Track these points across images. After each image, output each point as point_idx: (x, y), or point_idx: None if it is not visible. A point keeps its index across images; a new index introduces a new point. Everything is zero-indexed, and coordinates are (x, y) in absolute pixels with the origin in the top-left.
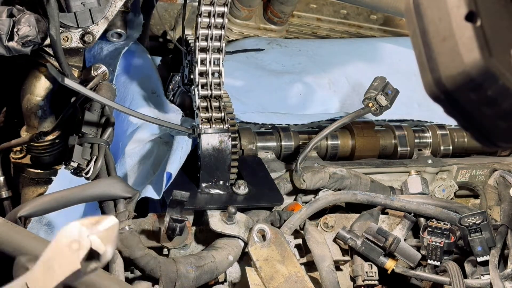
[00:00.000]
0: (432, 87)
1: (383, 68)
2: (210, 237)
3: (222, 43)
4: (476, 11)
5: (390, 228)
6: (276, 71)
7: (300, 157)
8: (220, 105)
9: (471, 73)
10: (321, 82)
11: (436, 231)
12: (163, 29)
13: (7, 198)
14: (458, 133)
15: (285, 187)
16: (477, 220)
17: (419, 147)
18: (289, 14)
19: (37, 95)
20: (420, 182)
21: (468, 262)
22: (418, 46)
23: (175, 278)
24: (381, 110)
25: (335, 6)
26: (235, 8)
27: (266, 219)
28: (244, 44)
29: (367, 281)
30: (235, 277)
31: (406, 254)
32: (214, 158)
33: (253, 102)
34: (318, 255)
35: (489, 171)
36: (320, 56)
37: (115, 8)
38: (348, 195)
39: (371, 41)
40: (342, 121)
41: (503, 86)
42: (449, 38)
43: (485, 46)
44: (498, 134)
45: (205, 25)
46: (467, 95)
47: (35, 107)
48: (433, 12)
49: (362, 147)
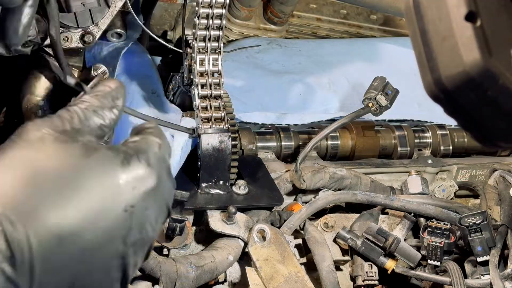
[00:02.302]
0: (432, 87)
1: (383, 68)
2: (210, 237)
3: (220, 43)
4: (476, 11)
5: (390, 228)
6: (276, 71)
7: (300, 157)
8: (220, 105)
9: (471, 73)
10: (321, 82)
11: (436, 231)
12: (163, 29)
13: None
14: (458, 133)
15: (285, 187)
16: (477, 220)
17: (419, 147)
18: (289, 14)
19: (37, 95)
20: (420, 182)
21: (468, 262)
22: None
23: (175, 278)
24: (381, 110)
25: (335, 6)
26: (235, 8)
27: (266, 219)
28: (244, 44)
29: (367, 281)
30: (235, 277)
31: (406, 254)
32: (214, 158)
33: (253, 102)
34: (318, 255)
35: (489, 171)
36: (320, 56)
37: (115, 8)
38: (348, 195)
39: (371, 41)
40: (342, 121)
41: (503, 86)
42: (449, 38)
43: (485, 46)
44: (498, 134)
45: (203, 27)
46: (467, 95)
47: (35, 107)
48: (433, 12)
49: (362, 147)
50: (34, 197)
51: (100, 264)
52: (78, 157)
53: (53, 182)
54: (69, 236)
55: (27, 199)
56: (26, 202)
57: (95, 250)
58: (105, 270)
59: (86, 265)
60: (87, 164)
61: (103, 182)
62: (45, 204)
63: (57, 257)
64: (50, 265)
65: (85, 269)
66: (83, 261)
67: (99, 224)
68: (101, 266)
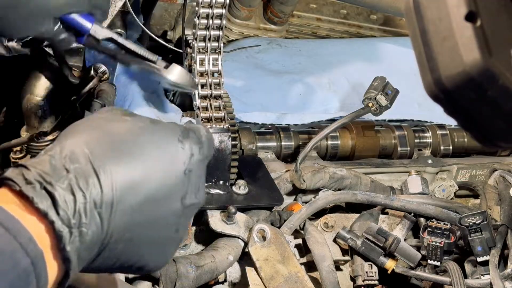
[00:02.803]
0: (432, 87)
1: (383, 68)
2: (210, 237)
3: (220, 43)
4: (476, 11)
5: (390, 228)
6: (276, 71)
7: (300, 157)
8: (220, 105)
9: (471, 73)
10: (321, 82)
11: (436, 231)
12: (163, 29)
13: None
14: (458, 133)
15: (285, 187)
16: (477, 220)
17: (419, 147)
18: (289, 14)
19: (37, 95)
20: (420, 182)
21: (468, 262)
22: (418, 46)
23: (175, 278)
24: (381, 110)
25: (335, 6)
26: (235, 8)
27: (266, 219)
28: (244, 44)
29: (367, 281)
30: (235, 277)
31: (406, 254)
32: (214, 158)
33: (253, 102)
34: (318, 255)
35: (489, 171)
36: (320, 56)
37: (115, 8)
38: (348, 195)
39: (371, 41)
40: (342, 121)
41: (503, 86)
42: (449, 38)
43: (485, 46)
44: (498, 134)
45: (203, 27)
46: (467, 95)
47: (35, 107)
48: (433, 12)
49: (362, 147)
50: (110, 152)
51: (159, 218)
52: (145, 125)
53: (124, 142)
54: (138, 185)
55: (106, 153)
56: (105, 155)
57: (158, 203)
58: (162, 225)
59: (148, 216)
60: (153, 130)
61: (166, 146)
62: (119, 158)
63: (126, 202)
64: (122, 206)
65: (146, 220)
66: (146, 210)
67: (164, 181)
68: (160, 220)
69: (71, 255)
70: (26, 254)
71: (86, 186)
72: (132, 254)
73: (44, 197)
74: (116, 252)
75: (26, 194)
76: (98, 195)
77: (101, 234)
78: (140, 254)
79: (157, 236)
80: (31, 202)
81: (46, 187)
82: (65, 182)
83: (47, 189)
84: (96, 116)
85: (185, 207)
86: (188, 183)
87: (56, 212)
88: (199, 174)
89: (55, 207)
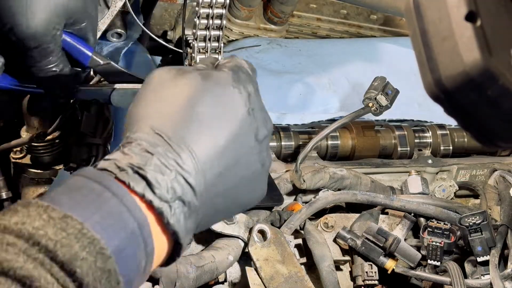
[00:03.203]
0: (432, 87)
1: (383, 68)
2: (210, 237)
3: (220, 43)
4: (476, 11)
5: (390, 228)
6: (276, 71)
7: (300, 157)
8: None
9: (471, 73)
10: (321, 82)
11: (436, 231)
12: (163, 29)
13: (7, 199)
14: (458, 133)
15: (285, 187)
16: (477, 220)
17: (419, 147)
18: (289, 14)
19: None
20: (420, 182)
21: (468, 262)
22: (418, 46)
23: (175, 278)
24: (381, 110)
25: (335, 6)
26: (235, 8)
27: (266, 219)
28: (244, 44)
29: (367, 281)
30: (235, 277)
31: (406, 254)
32: None
33: None
34: (318, 255)
35: (489, 171)
36: (320, 56)
37: (115, 8)
38: (348, 195)
39: (371, 41)
40: (342, 121)
41: (503, 86)
42: (449, 38)
43: (485, 46)
44: (498, 134)
45: (203, 27)
46: (467, 95)
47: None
48: (433, 12)
49: (362, 147)
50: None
51: (243, 163)
52: (200, 85)
53: (188, 109)
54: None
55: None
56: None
57: (237, 151)
58: (249, 166)
59: (233, 166)
60: (209, 88)
61: (227, 99)
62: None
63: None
64: (207, 169)
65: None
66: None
67: (235, 131)
68: (244, 165)
69: (176, 227)
70: (133, 217)
71: (172, 163)
72: (232, 201)
73: (139, 181)
74: (217, 207)
75: (122, 179)
76: (184, 169)
77: (198, 199)
78: (240, 198)
79: (248, 178)
80: (128, 186)
81: (138, 171)
82: (152, 164)
83: (139, 173)
84: (152, 82)
85: (260, 142)
86: (255, 120)
87: (152, 192)
88: (261, 107)
89: (150, 187)
